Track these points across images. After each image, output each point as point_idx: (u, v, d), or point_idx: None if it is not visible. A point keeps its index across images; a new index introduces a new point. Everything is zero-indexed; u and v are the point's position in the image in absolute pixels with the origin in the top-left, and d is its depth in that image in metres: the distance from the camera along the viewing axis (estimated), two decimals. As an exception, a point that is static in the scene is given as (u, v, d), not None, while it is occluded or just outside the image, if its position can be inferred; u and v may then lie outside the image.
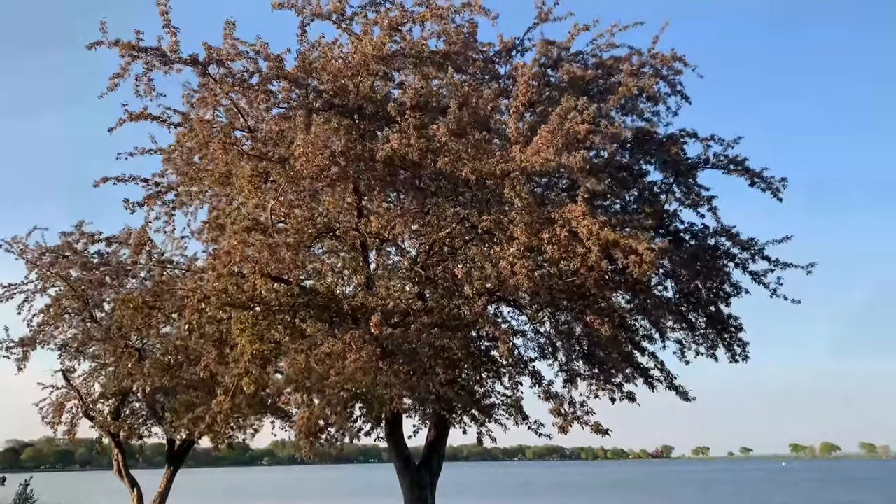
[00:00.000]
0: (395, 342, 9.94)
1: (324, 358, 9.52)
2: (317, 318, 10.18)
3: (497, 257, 10.05)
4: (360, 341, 9.46)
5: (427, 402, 10.45)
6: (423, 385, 9.95)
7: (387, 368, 9.82)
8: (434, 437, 14.97)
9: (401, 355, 9.95)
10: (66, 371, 22.68)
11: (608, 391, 12.30)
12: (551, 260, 9.89)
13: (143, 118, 11.46)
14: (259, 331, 10.04)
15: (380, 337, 9.63)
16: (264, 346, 10.51)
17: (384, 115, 11.76)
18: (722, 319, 13.56)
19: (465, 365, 11.22)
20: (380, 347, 9.74)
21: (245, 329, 10.00)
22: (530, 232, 9.69)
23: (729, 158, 14.21)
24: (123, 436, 23.42)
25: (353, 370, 9.36)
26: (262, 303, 10.06)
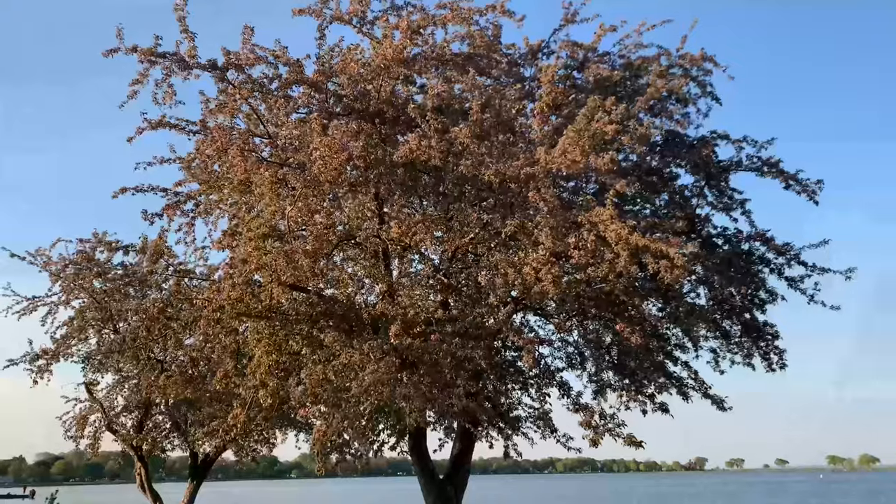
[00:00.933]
0: (416, 353, 9.57)
1: (342, 369, 9.17)
2: (335, 327, 9.84)
3: (522, 263, 9.65)
4: (378, 352, 9.11)
5: (449, 415, 10.03)
6: (445, 398, 9.54)
7: (406, 380, 9.45)
8: (459, 451, 14.57)
9: (421, 366, 9.57)
10: (89, 384, 22.59)
11: (639, 403, 11.77)
12: (578, 266, 9.45)
13: (161, 126, 11.28)
14: (276, 341, 9.74)
15: (399, 347, 9.27)
16: (282, 357, 10.21)
17: (405, 120, 11.47)
18: (757, 327, 13.01)
19: (490, 376, 10.79)
20: (399, 358, 9.38)
21: (262, 339, 9.70)
22: (556, 237, 9.28)
23: (762, 160, 13.73)
24: (146, 449, 23.26)
25: (372, 382, 8.99)
26: (279, 312, 9.76)
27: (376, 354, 9.08)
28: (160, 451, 23.63)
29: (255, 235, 9.17)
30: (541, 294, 9.60)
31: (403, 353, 9.50)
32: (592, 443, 9.82)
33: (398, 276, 12.62)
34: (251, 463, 24.71)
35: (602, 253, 9.41)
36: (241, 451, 23.14)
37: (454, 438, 14.80)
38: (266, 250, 9.39)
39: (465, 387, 9.57)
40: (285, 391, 10.74)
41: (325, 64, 11.43)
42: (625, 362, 11.56)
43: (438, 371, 9.66)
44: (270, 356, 9.59)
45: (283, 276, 9.28)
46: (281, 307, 9.74)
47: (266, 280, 9.69)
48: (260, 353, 9.64)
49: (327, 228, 10.46)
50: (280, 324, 9.86)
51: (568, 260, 9.69)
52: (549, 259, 9.09)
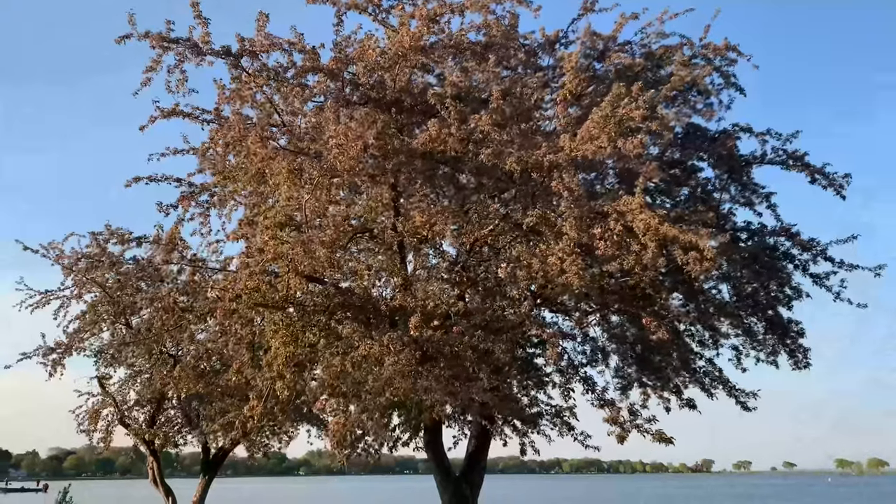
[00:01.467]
0: (436, 345, 9.32)
1: (360, 361, 8.95)
2: (353, 318, 9.61)
3: (545, 255, 9.38)
4: (398, 343, 8.87)
5: (470, 409, 9.79)
6: (466, 391, 9.29)
7: (426, 373, 9.20)
8: (475, 448, 14.31)
9: (442, 359, 9.33)
10: (102, 378, 22.50)
11: (663, 400, 11.46)
12: (603, 258, 9.17)
13: (175, 115, 11.09)
14: (293, 332, 9.52)
15: (419, 339, 9.03)
16: (298, 349, 10.00)
17: (422, 109, 11.24)
18: (783, 324, 12.70)
19: (512, 371, 10.52)
20: (419, 350, 9.14)
21: (278, 330, 9.49)
22: (580, 227, 9.02)
23: (788, 153, 13.41)
24: (158, 444, 23.16)
25: (391, 374, 8.76)
26: (295, 303, 9.55)
27: (396, 346, 8.85)
28: (172, 446, 23.55)
29: (271, 224, 8.95)
30: (564, 287, 9.34)
31: (424, 346, 9.26)
32: (619, 439, 9.53)
33: (414, 270, 12.39)
34: (262, 459, 24.60)
35: (628, 245, 9.15)
36: (253, 447, 23.04)
37: (470, 435, 14.56)
38: (283, 240, 9.18)
39: (488, 381, 9.31)
40: (302, 384, 10.54)
41: (342, 52, 11.21)
42: (649, 358, 11.27)
43: (460, 364, 9.41)
44: (287, 347, 9.37)
45: (300, 266, 9.06)
46: (298, 298, 9.53)
47: (283, 270, 9.47)
48: (277, 344, 9.42)
49: (344, 219, 10.24)
50: (297, 315, 9.64)
51: (592, 252, 9.42)
52: (574, 250, 8.82)
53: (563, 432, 14.49)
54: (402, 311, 9.70)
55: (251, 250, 9.54)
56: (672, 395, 11.57)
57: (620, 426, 9.87)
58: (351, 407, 9.59)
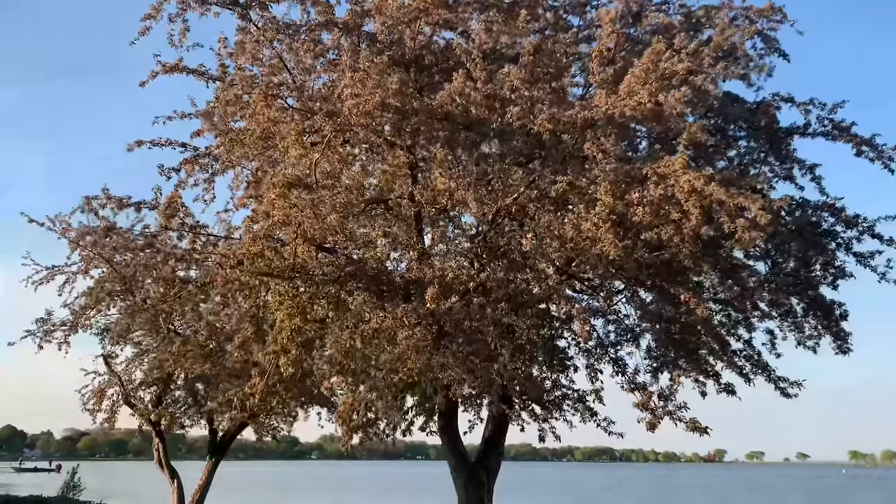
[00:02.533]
0: (454, 319, 8.51)
1: (372, 335, 8.17)
2: (365, 289, 8.80)
3: (577, 223, 8.54)
4: (413, 317, 8.08)
5: (490, 390, 8.99)
6: (486, 370, 8.47)
7: (443, 349, 8.39)
8: (492, 433, 13.58)
9: (460, 335, 8.52)
10: (108, 356, 22.00)
11: (698, 384, 10.55)
12: (641, 225, 8.30)
13: (177, 70, 10.32)
14: (299, 304, 8.73)
15: (437, 312, 8.24)
16: (305, 323, 9.24)
17: (444, 68, 10.42)
18: (826, 305, 11.75)
19: (537, 349, 9.68)
20: (436, 325, 8.35)
21: (283, 301, 8.71)
22: (616, 192, 8.18)
23: (834, 122, 12.46)
24: (164, 425, 22.70)
25: (405, 350, 7.95)
26: (303, 273, 8.77)
27: (411, 319, 8.06)
28: (179, 427, 23.07)
29: (279, 183, 8.14)
30: (598, 257, 8.50)
31: (441, 319, 8.47)
32: (650, 426, 8.69)
33: (431, 244, 11.57)
34: (272, 442, 24.09)
35: (668, 211, 8.30)
36: (261, 429, 22.50)
37: (486, 419, 13.85)
38: (291, 203, 8.39)
39: (511, 359, 8.49)
40: (309, 362, 9.82)
41: (359, 4, 10.37)
42: (686, 339, 10.37)
43: (480, 340, 8.60)
44: (293, 320, 8.60)
45: (310, 232, 8.27)
46: (306, 267, 8.75)
47: (290, 237, 8.70)
48: (282, 315, 8.65)
49: (357, 185, 9.44)
50: (304, 285, 8.86)
51: (627, 221, 8.57)
52: (610, 217, 7.97)
53: (586, 418, 13.78)
54: (417, 283, 8.91)
55: (257, 214, 8.76)
56: (709, 380, 10.65)
57: (652, 412, 9.00)
58: (360, 387, 8.79)
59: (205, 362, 18.96)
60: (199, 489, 22.15)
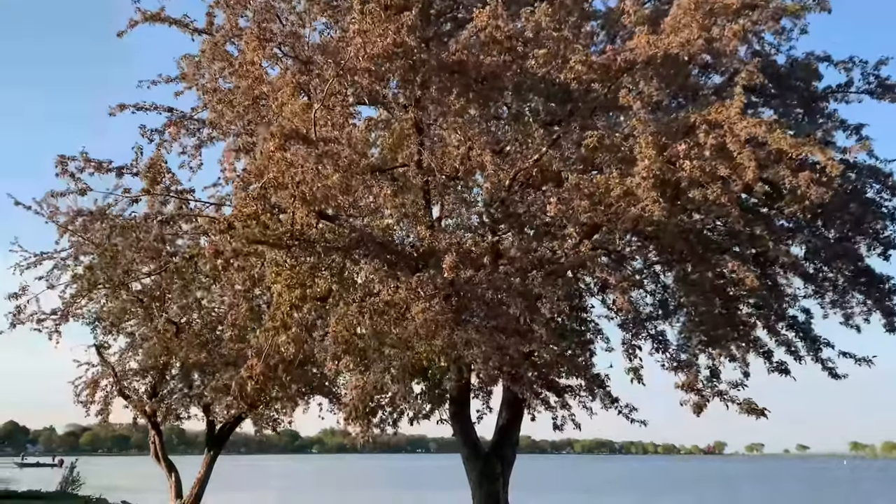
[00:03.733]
0: (478, 288, 7.46)
1: (382, 309, 7.15)
2: (373, 257, 7.73)
3: (607, 183, 7.51)
4: (430, 287, 7.05)
5: (521, 370, 7.93)
6: (516, 345, 7.42)
7: (466, 323, 7.36)
8: (506, 421, 12.61)
9: (482, 307, 7.48)
10: (100, 346, 21.09)
11: (740, 364, 9.48)
12: (691, 181, 7.24)
13: (158, 20, 9.29)
14: (299, 274, 7.70)
15: (456, 282, 7.22)
16: (306, 301, 8.21)
17: (456, 18, 9.37)
18: (875, 277, 10.63)
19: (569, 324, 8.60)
20: (456, 296, 7.32)
21: (281, 272, 7.68)
22: (657, 145, 7.15)
23: (879, 80, 11.39)
24: (160, 417, 21.83)
25: (422, 324, 6.92)
26: (303, 240, 7.74)
27: (427, 290, 7.04)
28: (174, 419, 22.26)
29: (276, 133, 7.08)
30: (634, 221, 7.48)
31: (461, 290, 7.44)
32: (696, 409, 7.65)
33: (441, 215, 10.50)
34: (273, 435, 23.31)
35: (715, 168, 7.28)
36: (260, 420, 21.64)
37: (500, 406, 12.88)
38: (289, 161, 7.34)
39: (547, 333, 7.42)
40: (310, 343, 8.83)
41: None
42: (733, 312, 9.28)
43: (506, 313, 7.55)
44: (293, 292, 7.57)
45: (310, 192, 7.24)
46: (306, 234, 7.73)
47: (288, 200, 7.67)
48: (280, 288, 7.62)
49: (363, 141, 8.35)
50: (304, 254, 7.83)
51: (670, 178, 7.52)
52: (651, 172, 6.93)
53: (607, 404, 12.87)
54: (430, 253, 7.86)
55: (249, 173, 7.72)
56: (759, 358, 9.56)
57: (698, 393, 7.93)
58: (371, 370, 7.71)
59: (200, 351, 18.06)
60: (197, 482, 21.38)
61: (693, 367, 8.59)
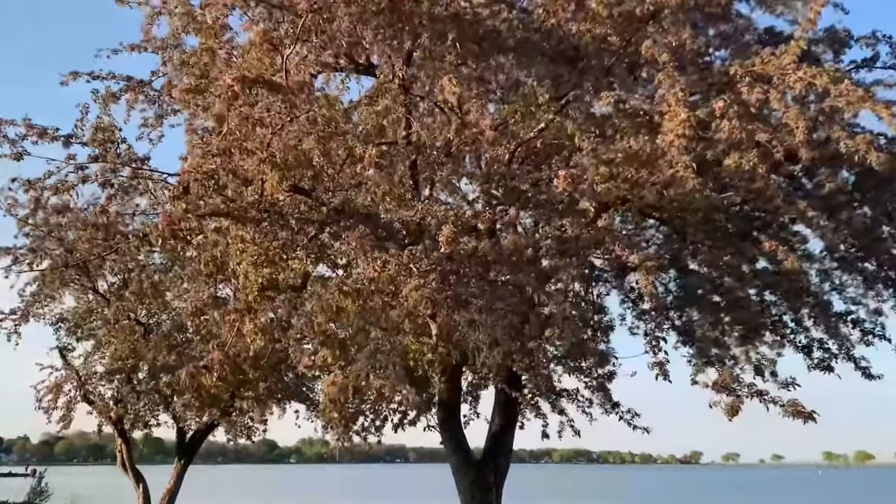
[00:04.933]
0: (481, 261, 6.31)
1: (367, 288, 6.01)
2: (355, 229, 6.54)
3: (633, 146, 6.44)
4: (423, 262, 5.92)
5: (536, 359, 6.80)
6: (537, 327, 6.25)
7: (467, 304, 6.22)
8: (500, 427, 11.52)
9: (487, 286, 6.34)
10: (64, 349, 19.91)
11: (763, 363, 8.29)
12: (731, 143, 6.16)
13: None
14: (268, 251, 6.52)
15: (455, 256, 6.11)
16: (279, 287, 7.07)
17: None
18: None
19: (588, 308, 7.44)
20: (454, 274, 6.22)
21: (247, 248, 6.52)
22: (688, 103, 6.09)
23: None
24: (127, 424, 20.68)
25: (414, 305, 5.74)
26: (273, 212, 6.60)
27: (421, 265, 5.91)
28: (143, 426, 21.13)
29: (238, 77, 5.90)
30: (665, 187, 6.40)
31: (462, 265, 6.32)
32: (730, 411, 6.50)
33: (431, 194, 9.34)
34: (251, 445, 22.18)
35: (752, 130, 6.24)
36: (233, 428, 20.47)
37: (493, 411, 11.81)
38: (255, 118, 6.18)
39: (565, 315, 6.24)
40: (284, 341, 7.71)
41: None
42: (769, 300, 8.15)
43: (518, 290, 6.40)
44: (261, 270, 6.40)
45: (281, 155, 6.10)
46: (276, 205, 6.58)
47: (255, 168, 6.53)
48: (246, 266, 6.44)
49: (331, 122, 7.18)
50: (276, 228, 6.66)
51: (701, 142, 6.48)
52: (685, 131, 5.87)
53: (608, 409, 11.88)
54: (421, 228, 6.72)
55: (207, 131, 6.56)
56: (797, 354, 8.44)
57: (732, 392, 6.80)
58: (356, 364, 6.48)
59: (170, 353, 16.98)
60: (167, 493, 20.36)
61: (727, 363, 7.47)
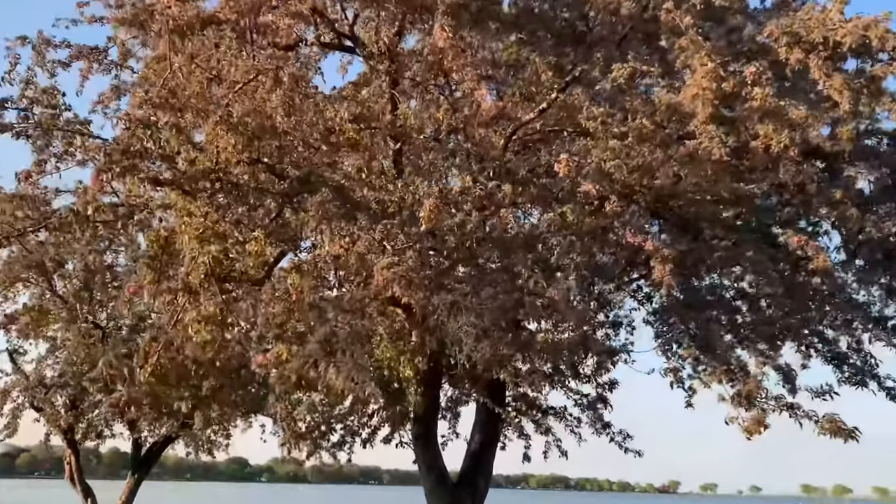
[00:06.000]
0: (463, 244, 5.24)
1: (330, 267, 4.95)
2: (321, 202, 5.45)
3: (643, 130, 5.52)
4: (399, 237, 4.86)
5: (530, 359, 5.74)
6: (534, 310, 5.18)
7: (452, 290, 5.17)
8: (479, 445, 10.55)
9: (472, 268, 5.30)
10: (14, 352, 18.67)
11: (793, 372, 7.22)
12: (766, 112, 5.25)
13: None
14: (216, 225, 5.43)
15: (439, 233, 5.11)
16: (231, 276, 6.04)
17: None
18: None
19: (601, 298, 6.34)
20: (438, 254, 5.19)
21: (192, 220, 5.42)
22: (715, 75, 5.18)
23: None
24: (79, 434, 19.40)
25: (387, 284, 4.62)
26: (226, 182, 5.55)
27: (395, 243, 4.87)
28: (95, 437, 19.91)
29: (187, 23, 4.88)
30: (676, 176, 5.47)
31: (447, 244, 5.29)
32: (756, 426, 5.50)
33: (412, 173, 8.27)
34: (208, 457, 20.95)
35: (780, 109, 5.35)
36: (194, 442, 19.25)
37: (473, 428, 10.83)
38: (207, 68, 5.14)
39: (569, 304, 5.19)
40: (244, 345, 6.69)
41: None
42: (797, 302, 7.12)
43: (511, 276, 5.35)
44: (207, 246, 5.30)
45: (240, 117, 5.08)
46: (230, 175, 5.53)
47: (210, 132, 5.51)
48: (190, 241, 5.32)
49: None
50: (231, 199, 5.59)
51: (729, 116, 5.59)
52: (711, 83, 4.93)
53: (599, 430, 11.05)
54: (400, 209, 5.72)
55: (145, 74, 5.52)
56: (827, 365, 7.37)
57: (756, 405, 5.77)
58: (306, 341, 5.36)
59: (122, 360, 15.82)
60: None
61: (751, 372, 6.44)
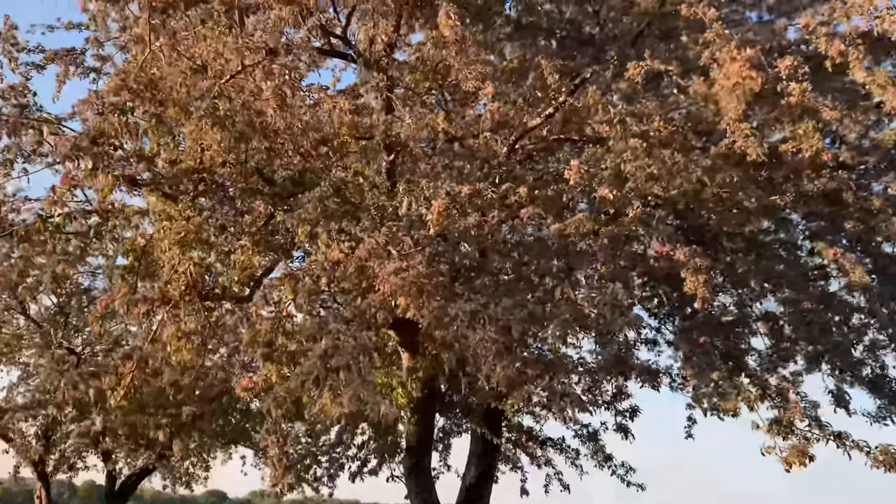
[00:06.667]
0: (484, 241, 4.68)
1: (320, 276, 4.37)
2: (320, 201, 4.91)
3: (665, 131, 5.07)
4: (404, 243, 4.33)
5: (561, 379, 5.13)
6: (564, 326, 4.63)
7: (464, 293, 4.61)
8: (477, 479, 10.00)
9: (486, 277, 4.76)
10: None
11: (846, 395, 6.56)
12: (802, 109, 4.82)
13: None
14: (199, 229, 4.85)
15: (449, 235, 4.60)
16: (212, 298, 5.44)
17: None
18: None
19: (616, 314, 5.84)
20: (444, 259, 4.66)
21: (171, 223, 4.83)
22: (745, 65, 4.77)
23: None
24: (50, 466, 18.69)
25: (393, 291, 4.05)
26: (211, 182, 5.01)
27: (401, 247, 4.34)
28: (68, 468, 19.24)
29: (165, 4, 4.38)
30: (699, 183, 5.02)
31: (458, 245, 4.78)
32: (797, 458, 4.90)
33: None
34: (186, 491, 20.27)
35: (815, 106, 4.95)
36: (170, 474, 18.57)
37: (468, 461, 10.26)
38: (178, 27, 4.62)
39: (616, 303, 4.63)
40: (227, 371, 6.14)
41: None
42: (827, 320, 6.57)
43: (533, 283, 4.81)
44: (189, 252, 4.70)
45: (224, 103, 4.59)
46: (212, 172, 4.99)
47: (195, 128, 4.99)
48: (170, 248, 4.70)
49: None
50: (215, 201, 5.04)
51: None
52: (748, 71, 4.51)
53: (601, 463, 10.57)
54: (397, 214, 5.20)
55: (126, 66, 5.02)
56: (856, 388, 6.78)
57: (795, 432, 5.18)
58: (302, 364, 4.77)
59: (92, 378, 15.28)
60: (88, 544, 18.28)
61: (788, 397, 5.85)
